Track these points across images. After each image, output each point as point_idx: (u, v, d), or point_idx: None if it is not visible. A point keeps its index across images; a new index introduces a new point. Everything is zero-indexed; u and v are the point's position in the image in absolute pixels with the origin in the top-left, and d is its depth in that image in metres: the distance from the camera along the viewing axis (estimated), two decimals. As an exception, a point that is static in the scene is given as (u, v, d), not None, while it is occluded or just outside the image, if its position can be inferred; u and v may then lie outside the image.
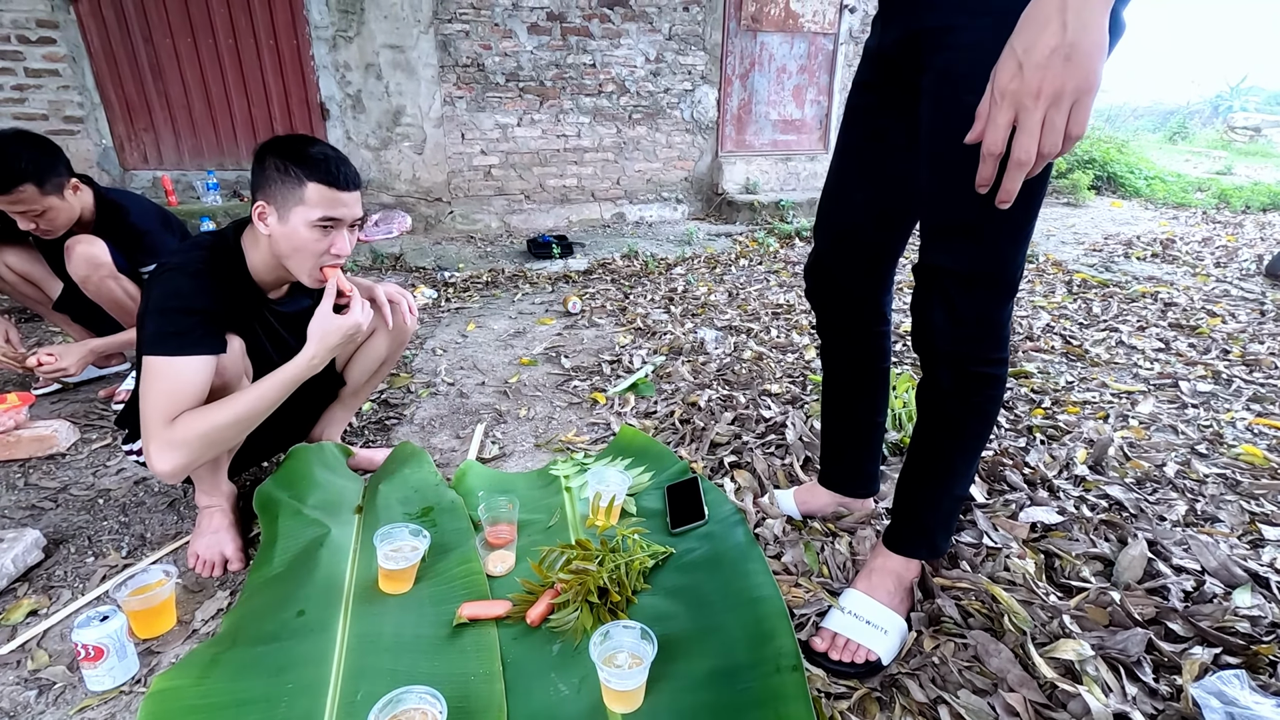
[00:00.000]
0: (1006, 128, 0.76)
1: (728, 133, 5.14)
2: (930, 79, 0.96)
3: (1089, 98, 0.72)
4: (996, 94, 0.76)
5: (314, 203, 1.31)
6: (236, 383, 1.39)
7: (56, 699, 1.15)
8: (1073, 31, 0.70)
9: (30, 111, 4.00)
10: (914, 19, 0.98)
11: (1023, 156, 0.75)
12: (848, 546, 1.38)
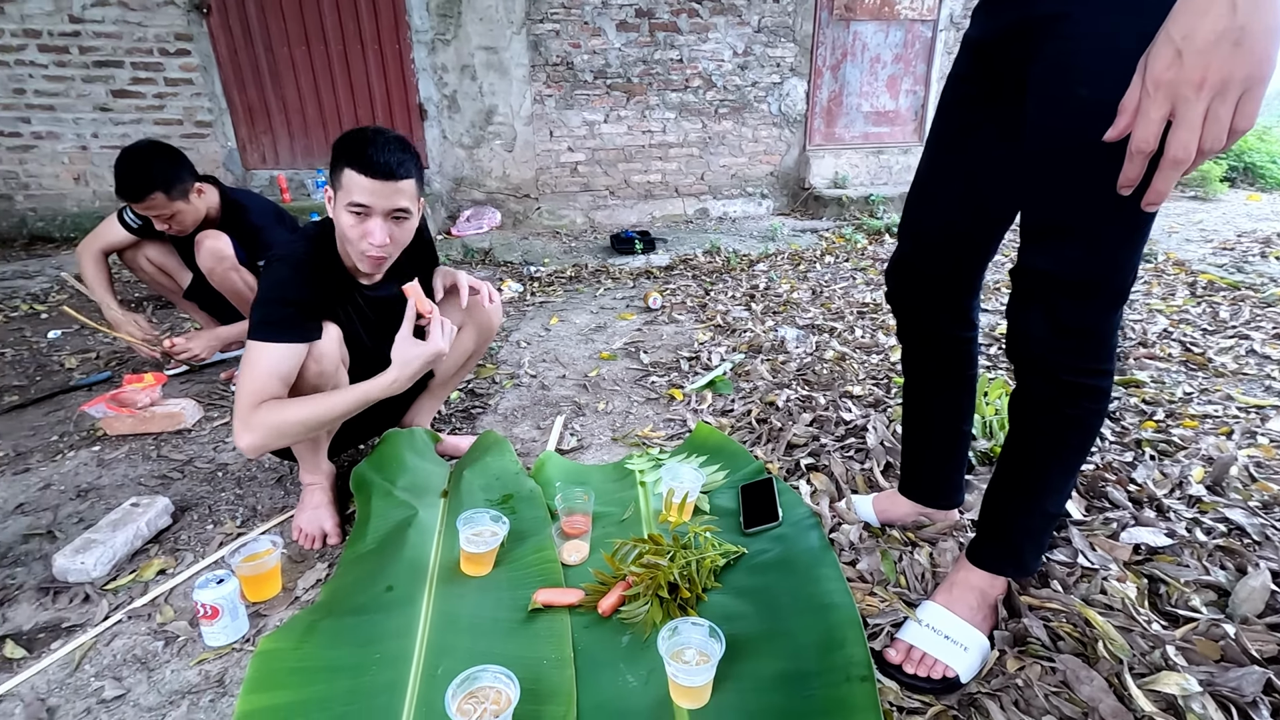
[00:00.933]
0: (1161, 122, 0.70)
1: (816, 125, 5.02)
2: (1038, 70, 0.91)
3: (1260, 88, 0.66)
4: (1149, 85, 0.70)
5: (348, 188, 1.36)
6: (333, 369, 1.49)
7: (179, 650, 1.27)
8: (1244, 14, 0.64)
9: (168, 117, 4.41)
10: (1023, 7, 0.93)
11: (1180, 153, 0.69)
12: (928, 558, 1.33)
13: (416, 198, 1.45)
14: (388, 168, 1.34)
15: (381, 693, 1.10)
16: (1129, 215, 0.85)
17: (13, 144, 4.39)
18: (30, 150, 4.42)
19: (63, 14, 4.12)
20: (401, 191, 1.38)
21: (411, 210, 1.43)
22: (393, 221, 1.42)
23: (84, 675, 1.22)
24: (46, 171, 4.48)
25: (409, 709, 1.08)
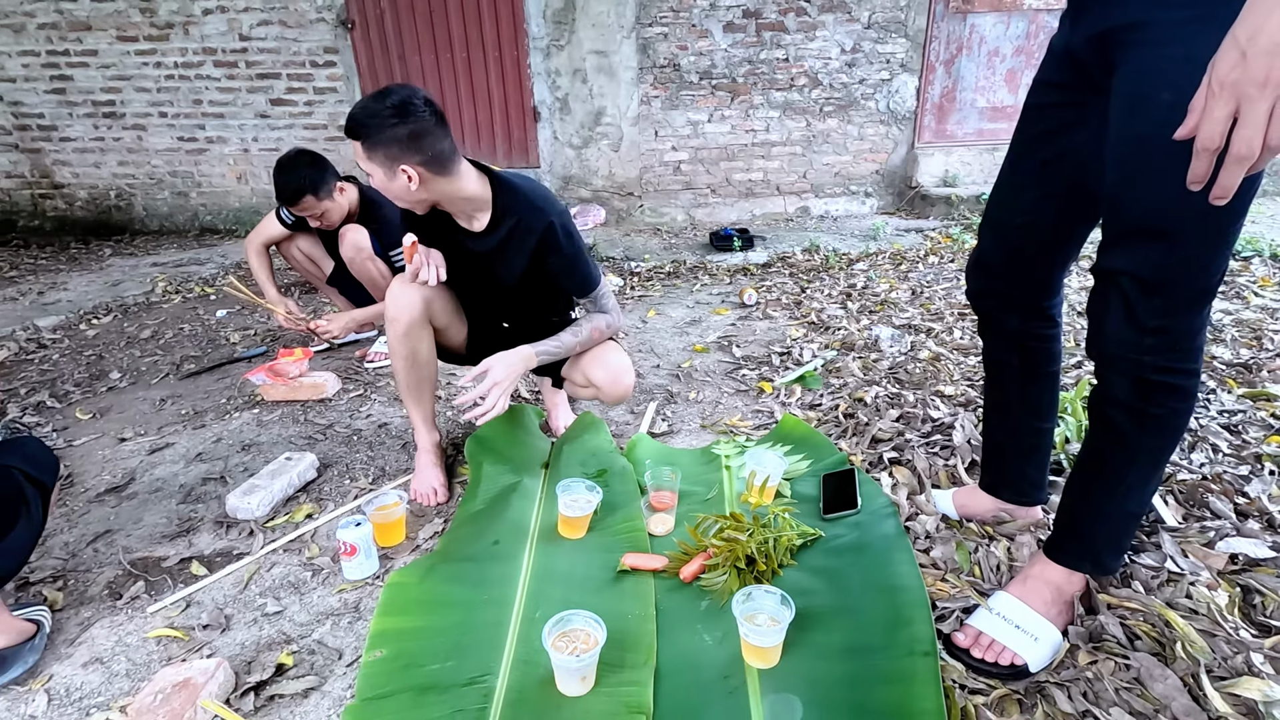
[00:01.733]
0: (1225, 121, 0.73)
1: (926, 123, 4.88)
2: (1122, 76, 0.94)
3: None
4: (1215, 85, 0.73)
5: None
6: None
7: (323, 580, 1.50)
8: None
9: (315, 122, 4.91)
10: (1107, 15, 0.95)
11: (1244, 150, 0.72)
12: (1005, 551, 1.35)
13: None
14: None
15: (488, 627, 1.27)
16: (1210, 216, 0.87)
17: (190, 148, 5.04)
18: (203, 153, 5.05)
19: (234, 33, 4.69)
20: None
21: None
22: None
23: (251, 593, 1.47)
24: (215, 172, 5.11)
25: (511, 642, 1.23)
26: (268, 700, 1.19)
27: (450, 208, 1.59)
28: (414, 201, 1.53)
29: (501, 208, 1.59)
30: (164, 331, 3.16)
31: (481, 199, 1.57)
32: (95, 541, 1.67)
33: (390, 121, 1.39)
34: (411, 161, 1.43)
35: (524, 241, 1.61)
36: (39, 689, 1.24)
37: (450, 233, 1.65)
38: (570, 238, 1.62)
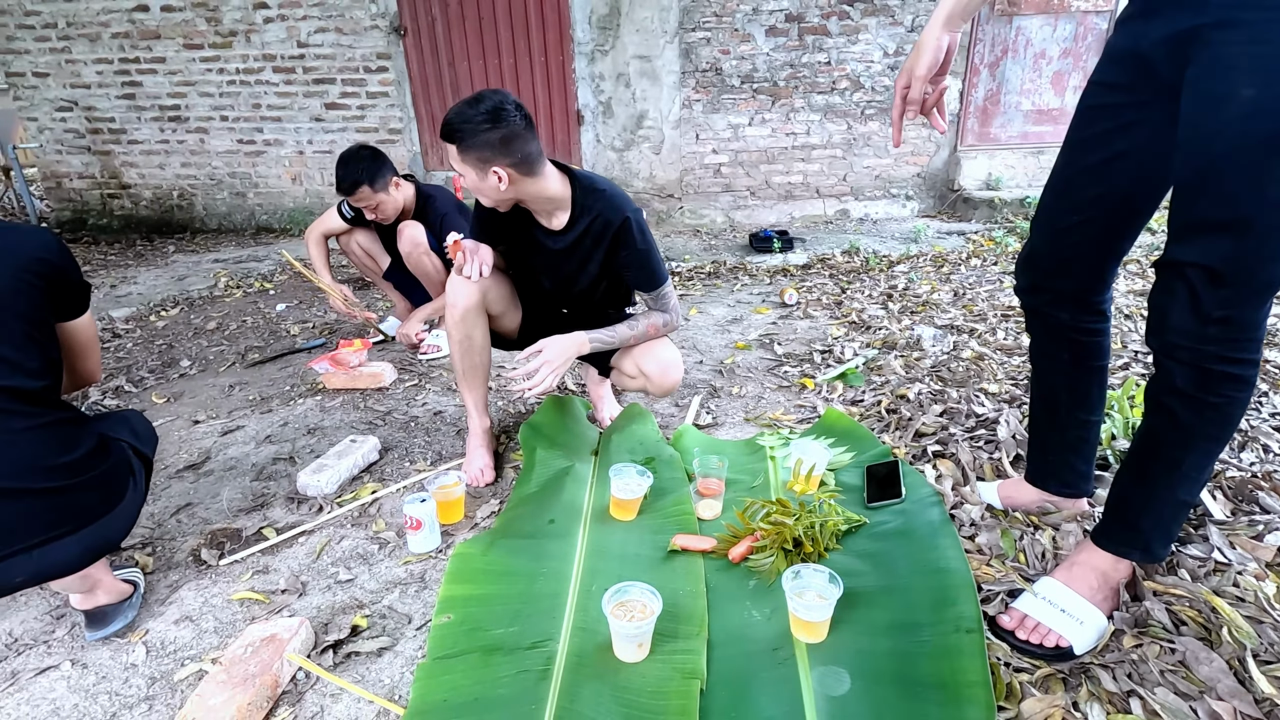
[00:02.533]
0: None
1: (970, 125, 4.85)
2: (1200, 72, 0.97)
3: None
4: None
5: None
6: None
7: (389, 553, 1.59)
8: None
9: (367, 126, 5.09)
10: (1186, 15, 0.98)
11: None
12: (1050, 540, 1.37)
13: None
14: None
15: (548, 597, 1.35)
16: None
17: (249, 150, 5.26)
18: (261, 155, 5.27)
19: (293, 40, 4.89)
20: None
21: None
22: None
23: (323, 563, 1.57)
24: (271, 173, 5.33)
25: (569, 611, 1.31)
26: (345, 657, 1.28)
27: (533, 206, 1.67)
28: (500, 200, 1.62)
29: (580, 206, 1.67)
30: (228, 323, 3.33)
31: (562, 198, 1.65)
32: (178, 513, 1.79)
33: (484, 126, 1.48)
34: (502, 163, 1.52)
35: (600, 237, 1.68)
36: (137, 641, 1.35)
37: (528, 229, 1.74)
38: (643, 234, 1.70)
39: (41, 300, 1.16)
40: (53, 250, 1.18)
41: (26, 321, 1.13)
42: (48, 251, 1.16)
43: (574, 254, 1.72)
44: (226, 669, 1.18)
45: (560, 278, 1.79)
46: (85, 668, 1.29)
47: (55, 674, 1.28)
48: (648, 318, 1.79)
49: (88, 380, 1.40)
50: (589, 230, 1.68)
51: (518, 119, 1.51)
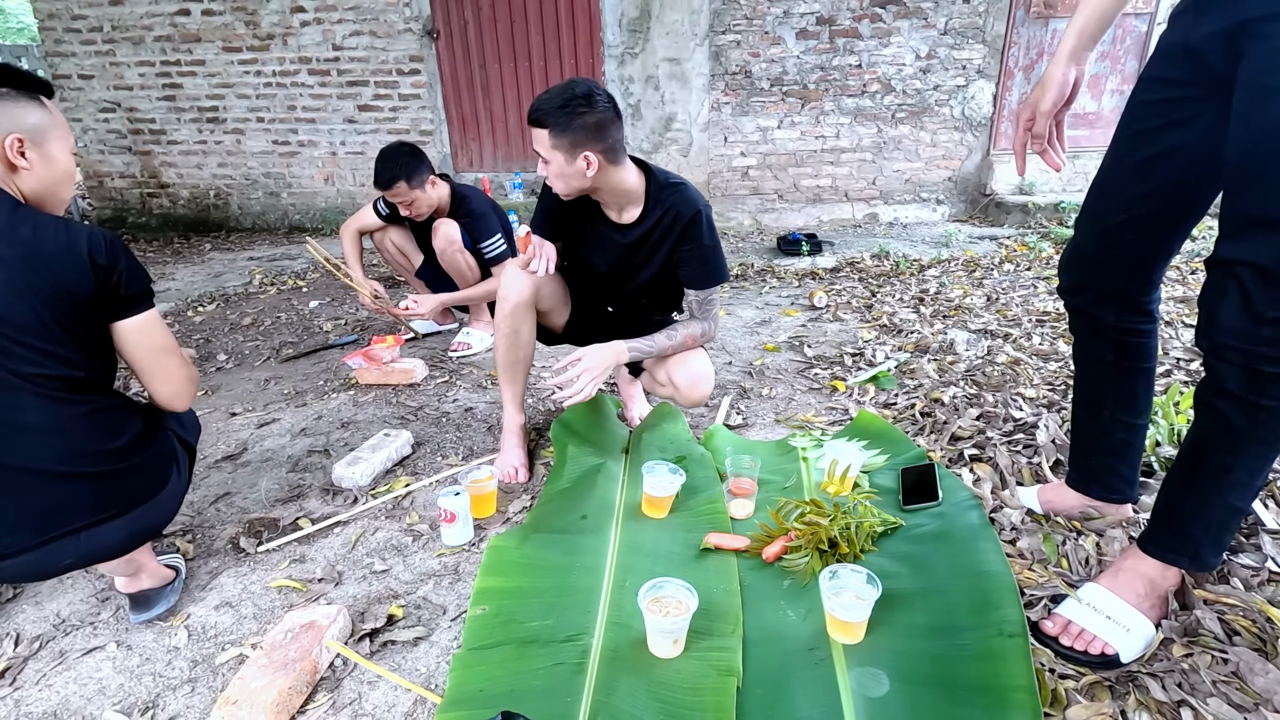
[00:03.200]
0: None
1: (1003, 129, 4.79)
2: (1253, 66, 0.95)
3: None
4: None
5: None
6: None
7: (423, 545, 1.61)
8: None
9: (398, 127, 5.16)
10: (1239, 9, 0.96)
11: None
12: (1094, 545, 1.34)
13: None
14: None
15: (582, 591, 1.35)
16: None
17: (283, 150, 5.36)
18: (295, 155, 5.37)
19: (328, 43, 4.98)
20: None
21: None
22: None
23: (359, 553, 1.59)
24: (305, 173, 5.42)
25: (603, 606, 1.31)
26: (382, 646, 1.29)
27: (606, 197, 1.68)
28: (580, 187, 1.61)
29: (654, 199, 1.67)
30: (263, 319, 3.39)
31: (637, 191, 1.66)
32: (217, 502, 1.82)
33: (580, 110, 1.49)
34: (593, 149, 1.53)
35: (669, 229, 1.69)
36: (179, 625, 1.38)
37: (595, 222, 1.75)
38: (711, 229, 1.70)
39: (86, 298, 1.14)
40: (99, 250, 1.16)
41: (71, 318, 1.13)
42: (95, 251, 1.15)
43: (642, 248, 1.72)
44: (267, 653, 1.19)
45: (622, 272, 1.79)
46: (130, 649, 1.32)
47: (101, 654, 1.31)
48: (686, 328, 1.78)
49: (165, 405, 1.30)
50: (659, 223, 1.69)
51: (610, 108, 1.53)
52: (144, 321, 1.23)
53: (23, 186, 1.17)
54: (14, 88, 1.15)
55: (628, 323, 1.89)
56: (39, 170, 1.18)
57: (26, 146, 1.15)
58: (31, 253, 1.09)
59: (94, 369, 1.19)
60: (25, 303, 1.09)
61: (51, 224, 1.13)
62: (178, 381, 1.29)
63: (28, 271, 1.08)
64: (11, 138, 1.14)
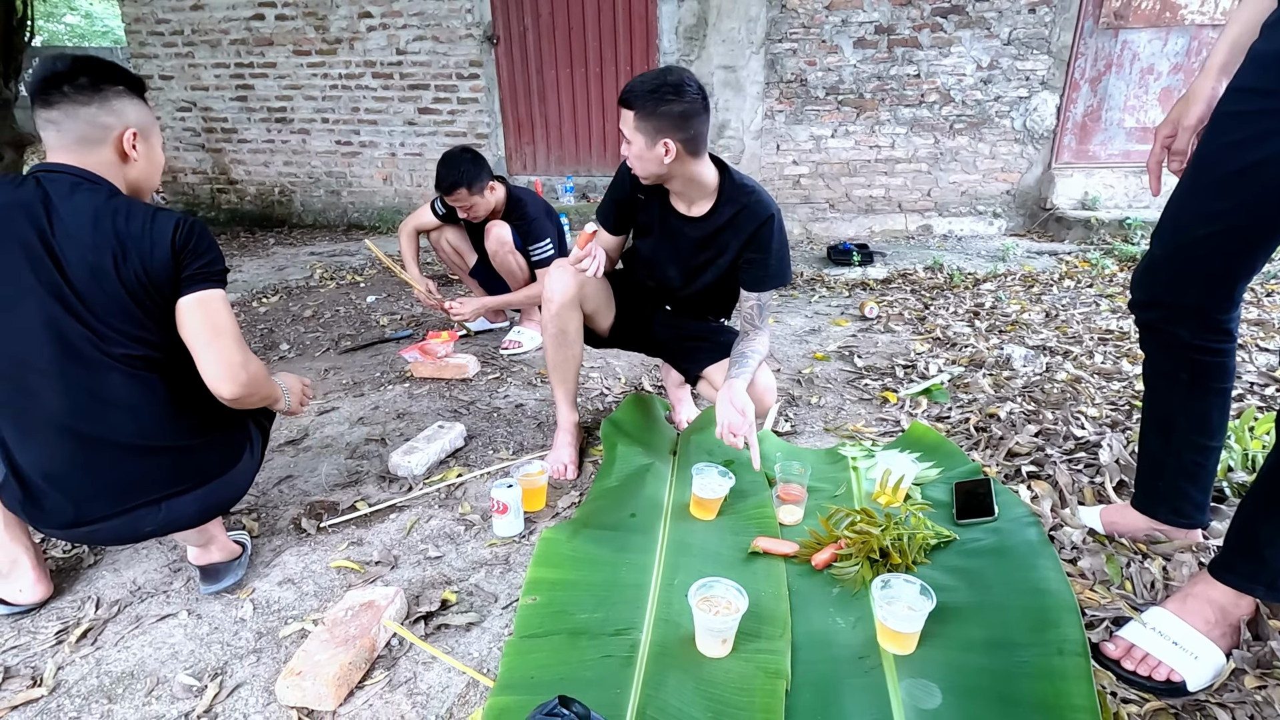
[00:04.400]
0: None
1: (1066, 142, 4.66)
2: None
3: None
4: None
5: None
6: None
7: (474, 535, 1.64)
8: None
9: (456, 130, 5.29)
10: None
11: None
12: (1160, 569, 1.30)
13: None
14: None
15: (631, 587, 1.36)
16: None
17: (345, 150, 5.55)
18: (356, 156, 5.55)
19: (392, 48, 5.14)
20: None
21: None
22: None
23: (413, 539, 1.63)
24: (365, 173, 5.59)
25: (652, 602, 1.32)
26: (436, 629, 1.33)
27: (678, 186, 1.69)
28: (657, 174, 1.63)
29: (726, 196, 1.69)
30: (323, 312, 3.51)
31: (710, 187, 1.68)
32: (280, 484, 1.90)
33: (669, 98, 1.51)
34: (674, 137, 1.55)
35: (740, 230, 1.69)
36: (245, 598, 1.44)
37: (664, 214, 1.77)
38: (782, 236, 1.71)
39: (167, 279, 1.20)
40: (180, 231, 1.20)
41: (154, 301, 1.20)
42: (176, 233, 1.20)
43: (710, 244, 1.74)
44: (329, 629, 1.24)
45: (685, 268, 1.80)
46: (200, 618, 1.39)
47: (174, 621, 1.38)
48: (758, 341, 1.74)
49: (212, 386, 1.25)
50: (730, 223, 1.70)
51: (699, 99, 1.54)
52: (205, 298, 1.22)
53: (127, 176, 1.25)
54: (125, 85, 1.23)
55: (681, 325, 1.90)
56: (143, 162, 1.26)
57: (138, 139, 1.23)
58: (121, 238, 1.16)
59: (175, 350, 1.25)
60: (115, 286, 1.16)
61: (140, 210, 1.20)
62: (229, 364, 1.24)
63: (117, 256, 1.15)
64: (130, 132, 1.22)
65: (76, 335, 1.16)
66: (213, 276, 1.24)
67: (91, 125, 1.19)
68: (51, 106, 1.17)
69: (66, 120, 1.18)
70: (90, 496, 1.24)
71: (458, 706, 1.16)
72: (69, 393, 1.18)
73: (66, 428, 1.19)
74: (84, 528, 1.26)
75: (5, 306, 1.14)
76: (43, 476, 1.22)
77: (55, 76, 1.16)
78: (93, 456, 1.22)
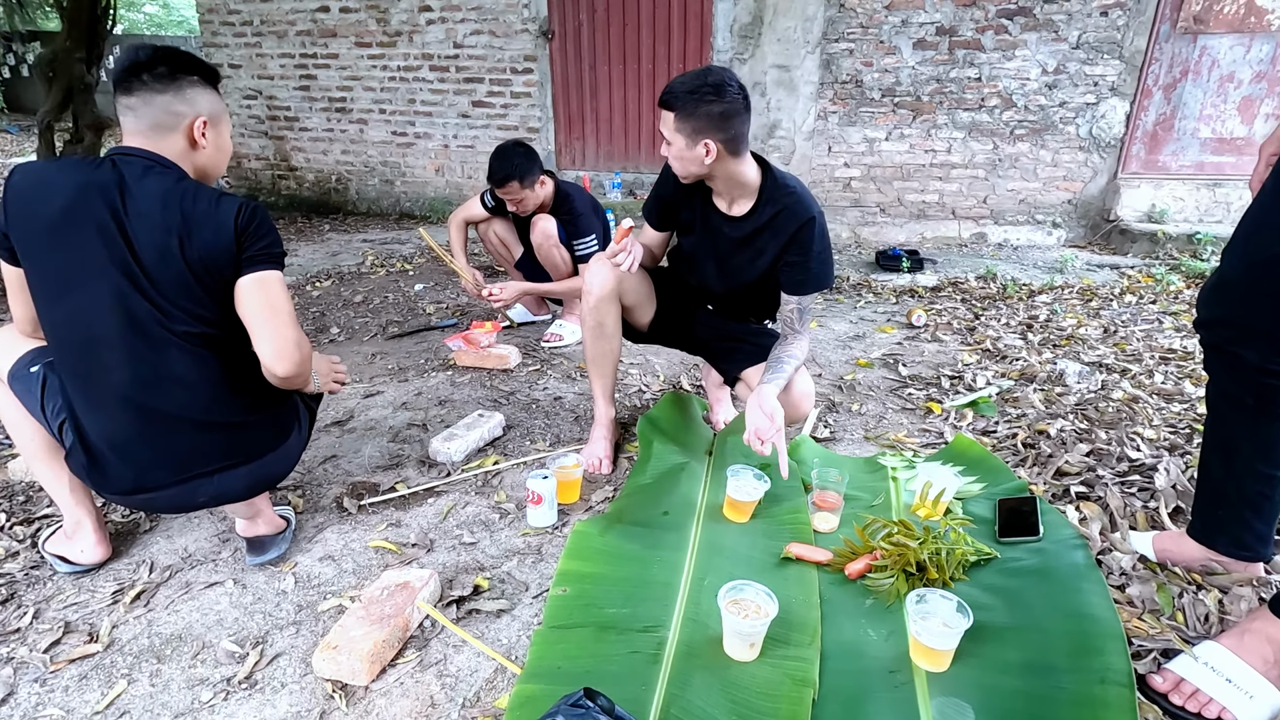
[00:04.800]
0: None
1: (1135, 151, 4.46)
2: None
3: None
4: None
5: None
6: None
7: (509, 524, 1.67)
8: None
9: (508, 123, 5.35)
10: None
11: None
12: (1216, 602, 1.24)
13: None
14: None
15: (660, 585, 1.36)
16: None
17: (400, 141, 5.67)
18: (411, 147, 5.67)
19: (450, 41, 5.24)
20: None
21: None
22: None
23: (449, 524, 1.67)
24: (418, 164, 5.71)
25: (681, 601, 1.32)
26: (467, 613, 1.35)
27: (720, 185, 1.69)
28: (698, 173, 1.62)
29: (768, 196, 1.67)
30: (372, 298, 3.60)
31: (752, 186, 1.67)
32: (325, 463, 1.95)
33: (709, 99, 1.51)
34: (715, 137, 1.54)
35: (780, 231, 1.68)
36: (288, 572, 1.49)
37: (706, 213, 1.76)
38: (824, 236, 1.69)
39: (227, 261, 1.24)
40: (243, 215, 1.24)
41: (215, 281, 1.24)
42: (239, 217, 1.24)
43: (750, 244, 1.72)
44: (366, 606, 1.27)
45: (728, 267, 1.79)
46: (245, 588, 1.44)
47: (220, 589, 1.44)
48: (796, 347, 1.72)
49: (267, 365, 1.28)
50: (771, 223, 1.68)
51: (740, 99, 1.54)
52: (264, 278, 1.26)
53: (195, 161, 1.30)
54: (200, 75, 1.28)
55: (722, 325, 1.88)
56: (211, 149, 1.31)
57: (208, 128, 1.28)
58: (188, 219, 1.21)
59: (233, 330, 1.30)
60: (179, 265, 1.21)
61: (206, 194, 1.24)
62: (284, 341, 1.26)
63: (183, 237, 1.20)
64: (200, 120, 1.27)
65: (143, 311, 1.21)
66: (272, 258, 1.28)
67: (165, 112, 1.24)
68: (131, 93, 1.23)
69: (143, 107, 1.23)
70: (150, 466, 1.30)
71: (485, 691, 1.18)
72: (134, 366, 1.23)
73: (130, 399, 1.25)
74: (142, 495, 1.32)
75: (80, 282, 1.20)
76: (107, 444, 1.28)
77: (136, 65, 1.22)
78: (153, 428, 1.28)
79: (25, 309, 1.31)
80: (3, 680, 1.20)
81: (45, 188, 1.20)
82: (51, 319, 1.25)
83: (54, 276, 1.22)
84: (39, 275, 1.22)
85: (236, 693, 1.18)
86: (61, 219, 1.18)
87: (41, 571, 1.48)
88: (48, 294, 1.23)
